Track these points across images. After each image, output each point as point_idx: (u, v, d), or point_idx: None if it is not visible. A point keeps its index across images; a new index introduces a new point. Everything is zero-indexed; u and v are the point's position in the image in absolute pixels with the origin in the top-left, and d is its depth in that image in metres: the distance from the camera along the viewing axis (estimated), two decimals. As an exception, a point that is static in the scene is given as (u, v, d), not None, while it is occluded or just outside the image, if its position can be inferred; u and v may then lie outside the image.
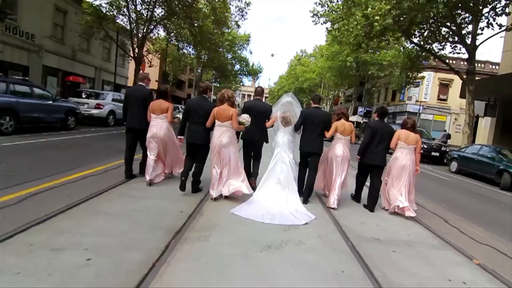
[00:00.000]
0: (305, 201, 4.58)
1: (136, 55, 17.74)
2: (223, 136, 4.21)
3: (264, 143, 5.05)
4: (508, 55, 15.07)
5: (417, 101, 26.18)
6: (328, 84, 38.33)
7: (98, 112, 12.79)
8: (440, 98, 26.58)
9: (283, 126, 4.75)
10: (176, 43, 22.01)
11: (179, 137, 4.77)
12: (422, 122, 25.28)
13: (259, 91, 5.27)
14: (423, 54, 16.41)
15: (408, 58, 17.71)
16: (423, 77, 20.11)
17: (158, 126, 4.67)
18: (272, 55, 33.15)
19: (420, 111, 25.75)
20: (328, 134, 4.77)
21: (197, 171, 4.54)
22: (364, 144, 4.79)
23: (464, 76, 13.50)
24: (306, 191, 4.68)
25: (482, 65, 26.85)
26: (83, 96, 13.35)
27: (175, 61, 29.35)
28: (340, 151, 4.71)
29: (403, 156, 4.62)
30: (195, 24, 17.34)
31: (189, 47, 21.80)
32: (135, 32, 17.73)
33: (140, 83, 5.10)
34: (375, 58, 24.81)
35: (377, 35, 13.20)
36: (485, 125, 17.36)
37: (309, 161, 4.74)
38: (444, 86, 26.66)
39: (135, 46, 17.63)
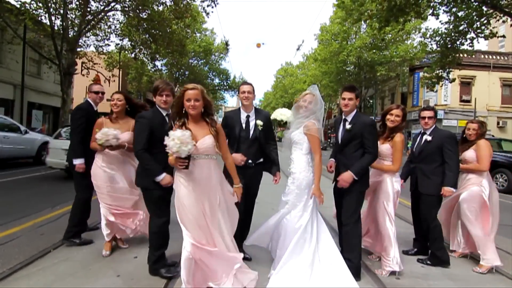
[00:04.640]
0: (358, 276, 2.58)
1: (60, 61, 12.20)
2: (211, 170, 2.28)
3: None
4: None
5: (436, 105, 21.60)
6: (322, 95, 33.71)
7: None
8: (463, 99, 22.07)
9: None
10: (131, 49, 16.59)
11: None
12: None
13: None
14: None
15: (440, 44, 13.11)
16: (450, 71, 15.44)
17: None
18: (259, 45, 28.21)
19: (442, 117, 21.10)
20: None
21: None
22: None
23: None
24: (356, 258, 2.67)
25: (506, 58, 22.80)
26: None
27: (138, 76, 23.85)
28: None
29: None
30: (144, 15, 12.12)
31: (148, 53, 16.35)
32: (58, 28, 12.29)
33: (87, 98, 3.40)
34: (383, 56, 20.17)
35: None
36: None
37: (344, 201, 2.78)
38: (466, 85, 22.23)
39: (59, 48, 12.11)
